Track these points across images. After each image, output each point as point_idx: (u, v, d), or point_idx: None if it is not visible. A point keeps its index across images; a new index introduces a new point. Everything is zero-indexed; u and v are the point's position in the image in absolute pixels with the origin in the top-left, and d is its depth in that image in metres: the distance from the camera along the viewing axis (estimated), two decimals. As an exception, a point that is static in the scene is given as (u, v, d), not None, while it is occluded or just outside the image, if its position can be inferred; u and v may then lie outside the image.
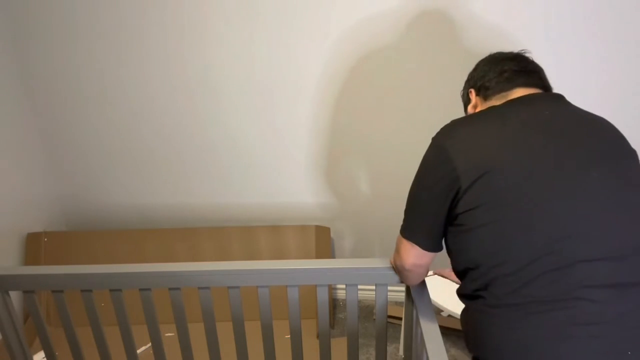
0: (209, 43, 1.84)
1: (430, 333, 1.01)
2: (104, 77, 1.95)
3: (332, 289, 2.30)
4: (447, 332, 2.03)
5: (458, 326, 2.04)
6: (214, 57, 1.87)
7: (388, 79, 1.83)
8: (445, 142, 0.97)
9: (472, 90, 1.12)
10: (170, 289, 1.30)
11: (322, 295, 1.30)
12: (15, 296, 1.97)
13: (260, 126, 1.99)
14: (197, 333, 1.91)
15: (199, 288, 1.30)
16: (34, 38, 1.90)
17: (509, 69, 1.05)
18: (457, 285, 1.05)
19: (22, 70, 1.96)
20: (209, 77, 1.91)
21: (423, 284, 1.22)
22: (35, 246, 2.07)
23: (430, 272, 1.87)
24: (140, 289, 1.30)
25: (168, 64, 1.90)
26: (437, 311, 2.05)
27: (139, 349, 1.91)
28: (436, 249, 1.05)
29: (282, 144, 2.02)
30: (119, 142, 2.08)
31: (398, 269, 1.12)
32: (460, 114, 1.14)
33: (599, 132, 0.96)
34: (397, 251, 1.08)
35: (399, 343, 2.01)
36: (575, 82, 1.70)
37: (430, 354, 0.95)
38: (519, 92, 1.02)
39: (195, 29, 1.82)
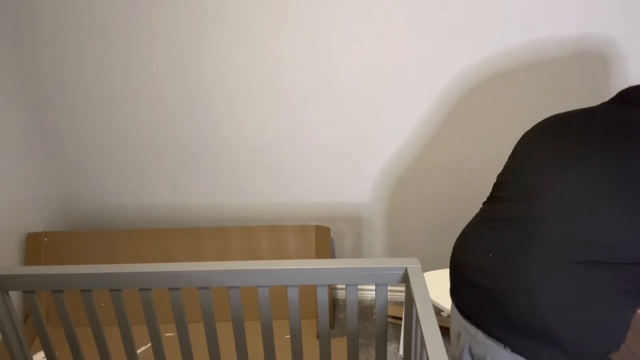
0: (211, 44, 1.84)
1: (430, 333, 1.01)
2: (105, 77, 1.95)
3: (332, 289, 2.30)
4: (447, 332, 2.03)
5: (458, 326, 2.04)
6: (215, 58, 1.87)
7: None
8: None
9: None
10: (170, 289, 1.30)
11: (322, 295, 1.30)
12: (15, 296, 1.98)
13: (261, 127, 1.99)
14: (197, 333, 1.92)
15: (199, 288, 1.30)
16: (34, 37, 1.90)
17: None
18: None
19: (22, 70, 1.96)
20: (209, 78, 1.91)
21: (423, 283, 1.22)
22: (35, 246, 2.07)
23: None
24: (140, 289, 1.30)
25: (169, 64, 1.90)
26: (437, 311, 2.06)
27: (139, 349, 1.91)
28: None
29: (283, 145, 2.02)
30: (119, 142, 2.08)
31: None
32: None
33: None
34: None
35: (399, 343, 2.01)
36: None
37: (430, 354, 0.95)
38: None
39: (200, 30, 1.83)
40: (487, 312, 1.04)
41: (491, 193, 1.19)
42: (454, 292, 1.15)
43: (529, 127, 1.31)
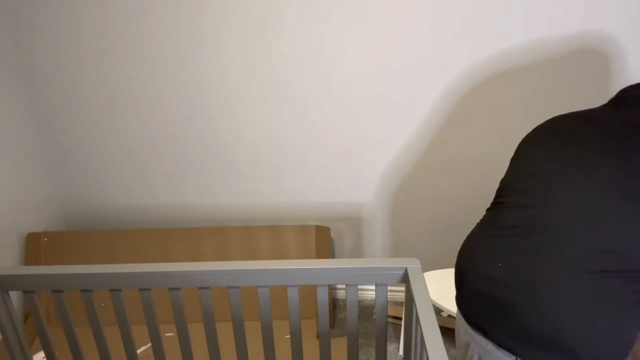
0: (210, 44, 1.84)
1: (430, 333, 1.01)
2: (105, 77, 1.95)
3: (332, 289, 2.30)
4: (447, 332, 2.03)
5: (458, 326, 2.04)
6: (215, 58, 1.87)
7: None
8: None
9: None
10: (170, 289, 1.30)
11: (322, 295, 1.30)
12: (15, 296, 1.98)
13: (261, 127, 1.99)
14: (197, 333, 1.92)
15: (199, 288, 1.30)
16: (34, 37, 1.90)
17: None
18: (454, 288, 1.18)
19: (22, 70, 1.96)
20: (209, 79, 1.91)
21: (423, 283, 1.22)
22: (35, 246, 2.07)
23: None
24: (140, 289, 1.30)
25: (169, 64, 1.90)
26: (437, 311, 2.06)
27: (139, 349, 1.91)
28: None
29: (282, 145, 2.02)
30: (119, 143, 2.08)
31: None
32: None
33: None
34: None
35: (399, 343, 2.01)
36: None
37: (430, 354, 0.95)
38: None
39: (200, 31, 1.82)
40: (497, 323, 1.02)
41: (495, 199, 1.17)
42: (461, 302, 1.12)
43: (530, 126, 1.31)
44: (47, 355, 1.42)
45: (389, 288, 2.27)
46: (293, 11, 1.75)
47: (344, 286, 2.31)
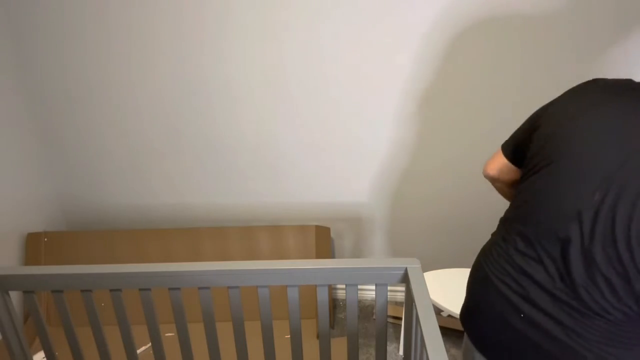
0: (211, 45, 1.84)
1: (430, 333, 1.00)
2: (105, 77, 1.95)
3: (332, 289, 2.30)
4: (447, 332, 2.03)
5: (458, 326, 2.04)
6: (215, 58, 1.87)
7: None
8: (567, 93, 1.03)
9: None
10: (170, 289, 1.30)
11: (322, 295, 1.30)
12: (15, 296, 1.98)
13: (261, 127, 1.99)
14: (197, 333, 1.91)
15: (199, 288, 1.30)
16: (34, 36, 1.90)
17: None
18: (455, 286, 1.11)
19: (22, 69, 1.96)
20: (210, 79, 1.91)
21: (423, 283, 1.22)
22: (35, 246, 2.07)
23: None
24: (140, 289, 1.30)
25: (169, 64, 1.90)
26: (437, 311, 2.06)
27: (139, 349, 1.91)
28: (510, 157, 1.15)
29: (283, 145, 2.02)
30: (119, 142, 2.08)
31: (486, 177, 1.23)
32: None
33: None
34: (489, 158, 1.20)
35: (399, 343, 2.01)
36: None
37: (430, 354, 0.95)
38: None
39: (201, 32, 1.82)
40: None
41: (516, 207, 1.03)
42: (479, 342, 1.05)
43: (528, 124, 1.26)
44: (47, 355, 1.42)
45: (389, 288, 2.27)
46: (295, 11, 1.75)
47: (344, 286, 2.31)
